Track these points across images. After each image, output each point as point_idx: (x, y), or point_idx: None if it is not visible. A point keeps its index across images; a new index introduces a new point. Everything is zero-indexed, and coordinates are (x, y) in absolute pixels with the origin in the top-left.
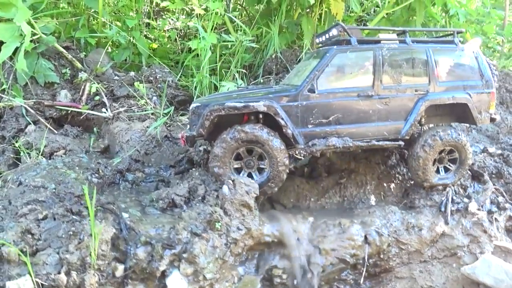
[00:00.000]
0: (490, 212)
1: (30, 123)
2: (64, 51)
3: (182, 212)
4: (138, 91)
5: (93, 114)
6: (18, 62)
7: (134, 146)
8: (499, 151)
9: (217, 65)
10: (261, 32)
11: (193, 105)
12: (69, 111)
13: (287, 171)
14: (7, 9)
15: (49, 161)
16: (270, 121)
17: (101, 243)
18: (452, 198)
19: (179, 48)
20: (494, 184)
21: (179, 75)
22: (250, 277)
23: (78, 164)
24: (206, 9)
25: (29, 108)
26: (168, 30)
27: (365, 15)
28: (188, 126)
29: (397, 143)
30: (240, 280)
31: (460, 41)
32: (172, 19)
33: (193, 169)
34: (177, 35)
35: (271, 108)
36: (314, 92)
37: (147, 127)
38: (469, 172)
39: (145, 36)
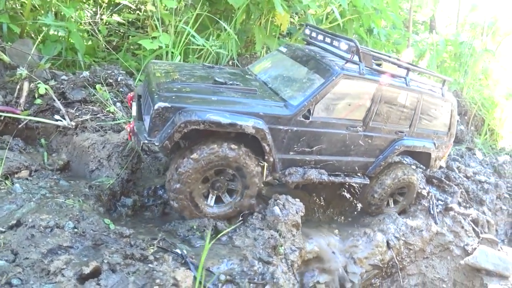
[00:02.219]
0: None
1: None
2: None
3: (234, 240)
4: (98, 95)
5: (38, 122)
6: None
7: (118, 163)
8: None
9: None
10: (209, 35)
11: (160, 104)
12: (1, 118)
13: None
14: None
15: (24, 188)
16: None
17: None
18: (434, 202)
19: (103, 45)
20: (444, 187)
21: (138, 78)
22: None
23: (62, 189)
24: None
25: None
26: (87, 23)
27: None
28: (146, 126)
29: (364, 181)
30: None
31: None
32: (88, 11)
33: None
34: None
35: (260, 132)
36: (308, 118)
37: (127, 139)
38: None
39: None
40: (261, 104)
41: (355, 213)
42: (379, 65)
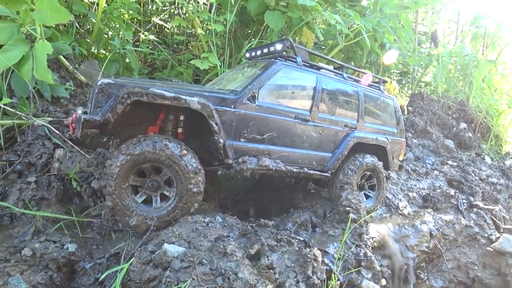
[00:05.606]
0: None
1: (63, 147)
2: (65, 61)
3: (326, 231)
4: None
5: None
6: (38, 70)
7: None
8: (455, 163)
9: None
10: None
11: (103, 80)
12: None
13: (201, 197)
14: (15, 6)
15: None
16: (190, 127)
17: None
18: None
19: (142, 61)
20: (463, 188)
21: None
22: None
23: None
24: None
25: (53, 129)
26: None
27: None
28: (88, 109)
29: (325, 174)
30: None
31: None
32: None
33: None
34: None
35: (206, 108)
36: (255, 102)
37: None
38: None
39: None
40: (206, 89)
41: (397, 209)
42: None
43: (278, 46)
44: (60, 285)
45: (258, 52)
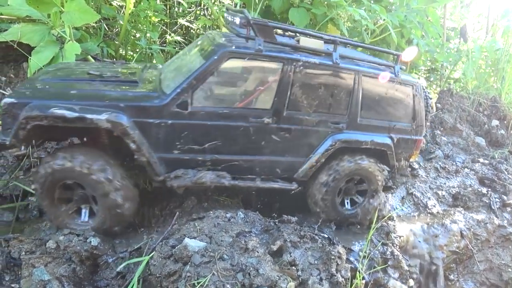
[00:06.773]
0: None
1: None
2: (94, 61)
3: (351, 228)
4: None
5: None
6: None
7: None
8: (487, 161)
9: None
10: None
11: (6, 100)
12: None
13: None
14: (46, 9)
15: None
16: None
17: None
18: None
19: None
20: (495, 186)
21: None
22: None
23: None
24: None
25: None
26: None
27: None
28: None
29: (289, 186)
30: None
31: (401, 68)
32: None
33: None
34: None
35: (118, 126)
36: (187, 109)
37: None
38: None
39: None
40: (128, 95)
41: (426, 208)
42: (297, 41)
43: (237, 21)
44: (83, 278)
45: (230, 18)
